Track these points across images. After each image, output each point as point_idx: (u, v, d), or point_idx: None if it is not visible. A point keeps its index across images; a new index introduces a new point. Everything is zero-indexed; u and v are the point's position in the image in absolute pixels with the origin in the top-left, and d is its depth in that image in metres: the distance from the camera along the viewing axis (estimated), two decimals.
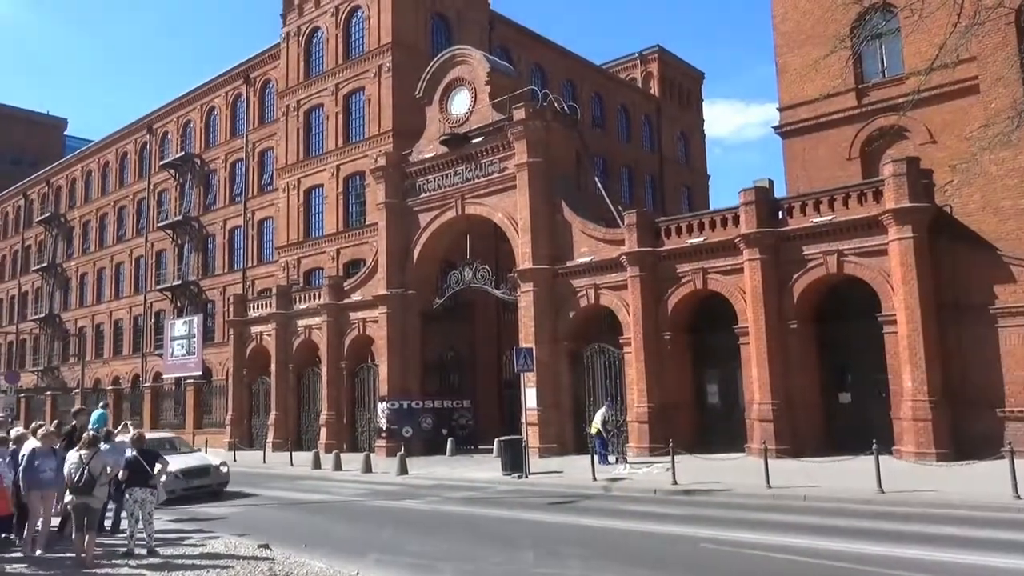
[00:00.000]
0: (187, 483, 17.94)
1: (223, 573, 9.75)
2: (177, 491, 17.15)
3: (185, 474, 17.95)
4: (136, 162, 54.75)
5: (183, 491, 17.59)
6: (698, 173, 54.43)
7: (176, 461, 17.34)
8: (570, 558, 10.43)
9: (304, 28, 39.42)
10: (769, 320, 20.98)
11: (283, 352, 34.39)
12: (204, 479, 18.48)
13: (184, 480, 17.83)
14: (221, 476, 19.01)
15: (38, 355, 62.54)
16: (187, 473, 18.07)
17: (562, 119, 28.11)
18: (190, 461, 19.03)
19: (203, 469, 18.77)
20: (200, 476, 18.44)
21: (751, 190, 21.65)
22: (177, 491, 17.15)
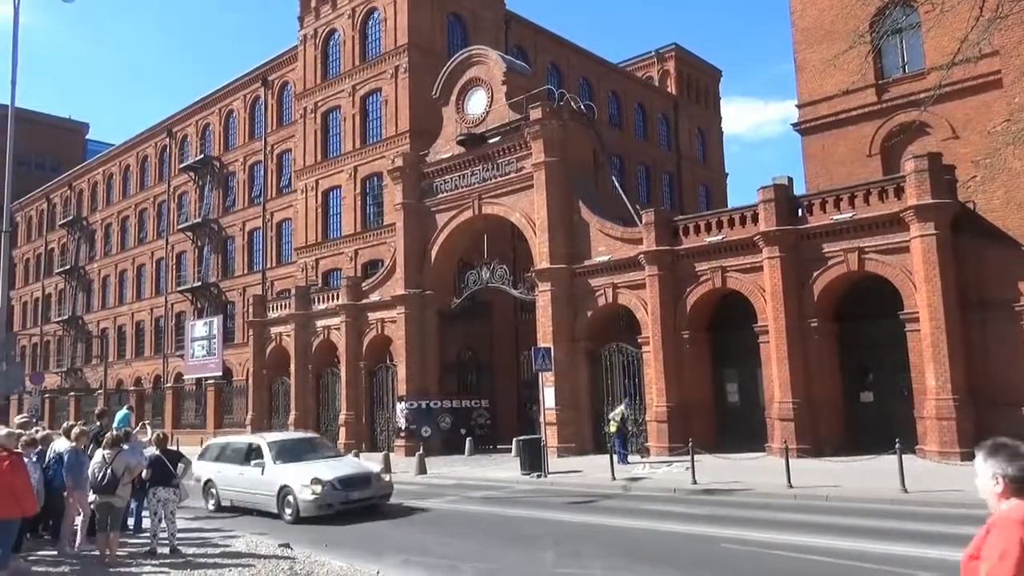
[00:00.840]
0: (346, 495, 14.57)
1: (245, 572, 9.81)
2: (335, 505, 14.35)
3: (344, 484, 14.59)
4: (156, 165, 55.31)
5: (342, 505, 14.45)
6: (716, 171, 54.13)
7: (325, 468, 14.99)
8: (591, 558, 10.40)
9: (321, 30, 39.62)
10: (789, 318, 20.83)
11: (302, 352, 34.59)
12: (365, 490, 15.01)
13: (342, 491, 14.52)
14: (383, 486, 15.54)
15: (62, 356, 63.34)
16: (346, 483, 14.67)
17: (579, 118, 28.06)
18: (345, 468, 15.46)
19: (363, 478, 15.19)
20: (361, 487, 14.95)
21: (770, 188, 21.49)
22: (335, 505, 14.35)
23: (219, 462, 16.66)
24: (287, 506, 14.54)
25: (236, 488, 15.88)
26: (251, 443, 16.49)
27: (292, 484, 14.43)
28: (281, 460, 15.32)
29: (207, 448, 17.97)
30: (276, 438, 17.11)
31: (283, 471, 14.92)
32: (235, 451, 16.68)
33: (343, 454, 19.13)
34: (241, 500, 15.83)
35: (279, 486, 14.67)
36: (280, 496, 14.67)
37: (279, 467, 15.09)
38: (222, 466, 16.43)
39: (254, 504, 15.41)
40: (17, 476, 9.05)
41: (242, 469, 15.71)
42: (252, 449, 16.05)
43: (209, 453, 17.48)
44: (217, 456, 17.00)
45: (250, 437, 18.07)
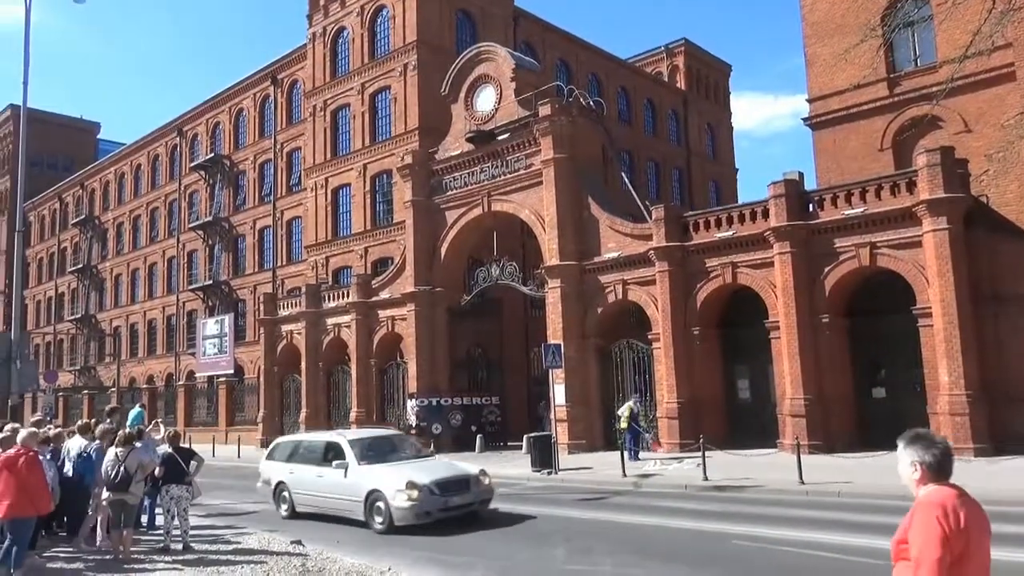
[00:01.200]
0: (445, 501, 12.76)
1: (257, 568, 9.86)
2: (434, 513, 12.56)
3: (442, 488, 12.81)
4: (167, 164, 55.58)
5: (441, 512, 12.65)
6: (726, 167, 53.92)
7: (419, 470, 13.28)
8: (601, 555, 10.39)
9: (330, 28, 39.68)
10: (800, 314, 20.73)
11: (313, 350, 34.71)
12: (465, 495, 13.22)
13: (440, 496, 12.70)
14: (484, 490, 13.67)
15: (75, 355, 63.82)
16: (444, 487, 12.89)
17: (588, 114, 28.00)
18: (440, 470, 13.77)
19: (462, 481, 13.36)
20: (460, 491, 13.17)
21: (781, 183, 21.38)
22: (434, 513, 12.56)
23: (292, 462, 15.00)
24: (377, 514, 12.71)
25: (314, 492, 14.16)
26: (329, 441, 14.72)
27: (383, 489, 12.64)
28: (366, 461, 13.61)
29: (276, 447, 16.34)
30: (357, 436, 15.22)
31: (370, 473, 13.20)
32: (310, 450, 14.96)
33: (429, 453, 16.71)
34: (320, 506, 14.08)
35: (367, 491, 12.87)
36: (368, 502, 12.85)
37: (365, 469, 13.33)
38: (295, 467, 14.76)
39: (336, 511, 13.66)
40: (33, 474, 9.15)
41: (320, 471, 13.96)
42: (330, 448, 14.27)
43: (279, 452, 15.81)
44: (289, 456, 15.30)
45: (326, 435, 16.37)
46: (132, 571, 10.04)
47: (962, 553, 3.31)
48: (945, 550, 3.27)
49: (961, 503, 3.44)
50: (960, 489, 3.53)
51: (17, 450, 9.26)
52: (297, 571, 9.63)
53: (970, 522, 3.37)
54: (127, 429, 12.17)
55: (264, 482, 15.36)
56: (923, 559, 3.29)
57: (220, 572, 9.77)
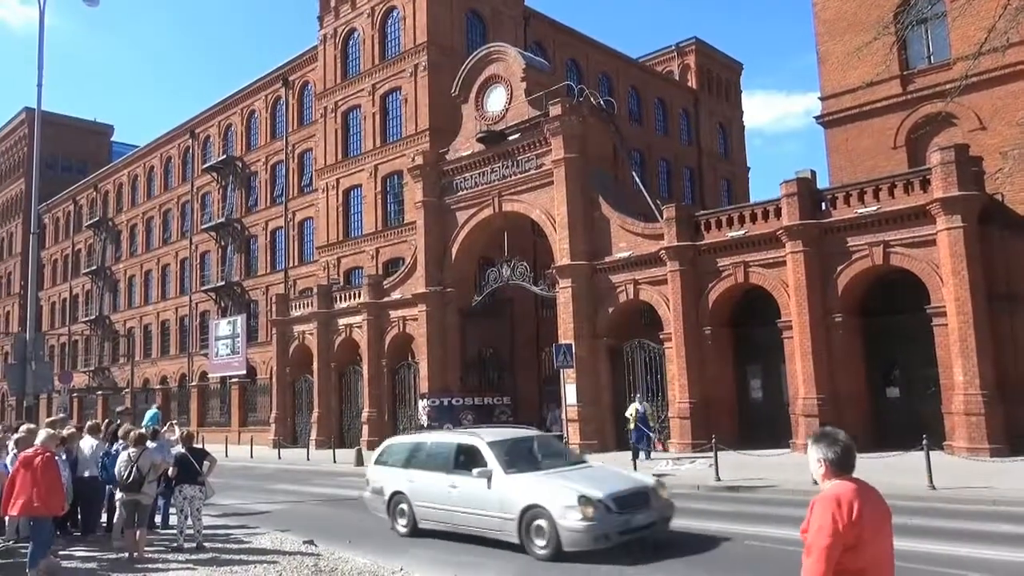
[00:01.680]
0: (626, 521, 10.13)
1: (270, 568, 9.89)
2: (612, 536, 9.95)
3: (621, 504, 10.20)
4: (180, 166, 55.90)
5: (620, 536, 10.02)
6: (738, 165, 53.73)
7: (586, 481, 10.67)
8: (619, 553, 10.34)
9: (340, 30, 39.80)
10: (813, 313, 20.62)
11: (325, 351, 34.82)
12: (646, 512, 10.44)
13: (620, 515, 10.10)
14: (664, 506, 10.84)
15: (89, 356, 64.31)
16: (623, 503, 10.27)
17: (598, 114, 27.97)
18: (613, 481, 11.04)
19: (641, 495, 10.69)
20: (642, 508, 10.47)
21: (793, 181, 21.28)
22: (612, 536, 9.95)
23: (410, 468, 12.53)
24: (537, 535, 10.19)
25: (444, 506, 11.60)
26: (462, 444, 12.07)
27: (547, 505, 10.12)
28: (515, 468, 11.11)
29: (387, 449, 13.78)
30: (497, 436, 12.23)
31: (525, 485, 10.73)
32: (435, 454, 12.48)
33: (580, 458, 13.18)
34: (454, 523, 11.53)
35: (522, 507, 10.38)
36: (524, 521, 10.34)
37: (515, 479, 10.86)
38: (416, 474, 12.27)
39: (476, 529, 11.17)
40: (48, 475, 9.25)
41: (453, 480, 11.51)
42: (464, 452, 11.81)
43: (392, 456, 13.35)
44: (407, 460, 12.83)
45: (455, 435, 13.37)
46: (146, 570, 10.10)
47: (856, 542, 3.59)
48: (835, 539, 3.56)
49: (858, 496, 3.69)
50: (860, 483, 3.80)
51: (35, 450, 9.39)
52: (309, 571, 9.65)
53: (865, 514, 3.64)
54: (139, 429, 12.25)
55: (374, 491, 13.05)
56: (814, 546, 3.60)
57: (233, 571, 9.81)
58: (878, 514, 3.77)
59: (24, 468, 9.22)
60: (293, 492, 19.51)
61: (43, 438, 9.73)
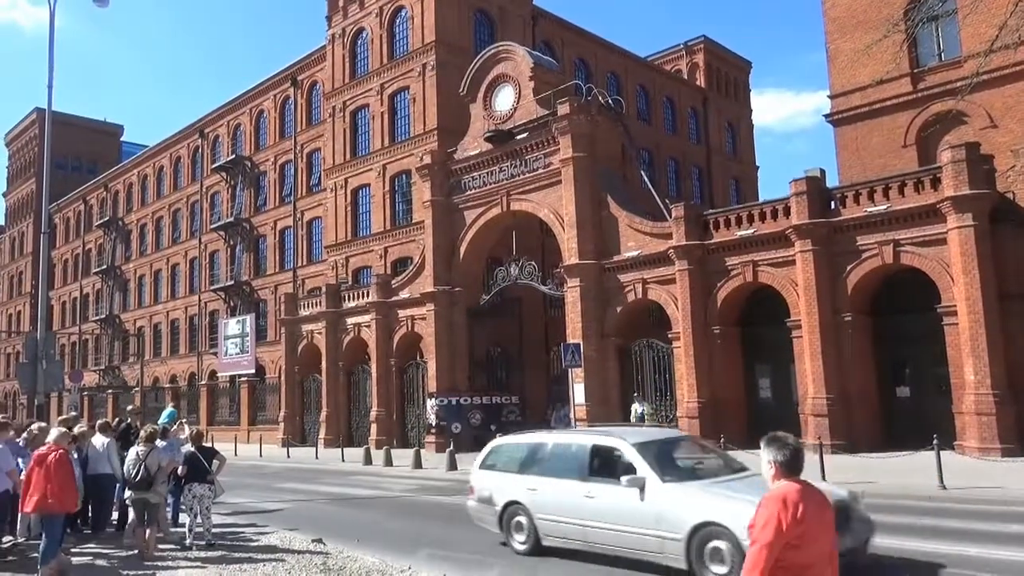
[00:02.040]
0: None
1: (279, 566, 9.91)
2: None
3: None
4: (189, 166, 56.11)
5: None
6: (747, 164, 53.56)
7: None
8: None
9: (349, 30, 39.86)
10: (822, 313, 20.54)
11: (333, 350, 34.90)
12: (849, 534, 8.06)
13: None
14: (866, 525, 8.75)
15: (99, 355, 64.63)
16: None
17: (607, 113, 27.93)
18: None
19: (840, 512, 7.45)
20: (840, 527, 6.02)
21: (802, 180, 21.20)
22: None
23: (530, 474, 10.61)
24: (714, 560, 8.27)
25: (577, 520, 9.74)
26: (597, 445, 10.10)
27: (728, 523, 8.09)
28: (672, 476, 9.21)
29: (496, 451, 11.74)
30: (642, 437, 10.25)
31: (692, 497, 8.74)
32: (561, 458, 10.49)
33: (742, 466, 10.01)
34: (589, 540, 9.63)
35: (692, 524, 8.42)
36: (695, 542, 8.41)
37: (676, 489, 8.90)
38: (538, 481, 10.42)
39: (624, 548, 9.26)
40: (61, 472, 9.35)
41: (589, 488, 9.67)
42: (600, 454, 9.97)
43: (503, 459, 11.42)
44: (524, 465, 10.92)
45: (585, 435, 11.08)
46: (156, 568, 10.14)
47: (800, 541, 3.84)
48: (778, 536, 3.82)
49: (803, 497, 3.94)
50: (807, 485, 4.04)
51: (48, 448, 9.50)
52: (318, 569, 9.68)
53: (809, 514, 3.89)
54: (148, 428, 12.30)
55: (481, 500, 11.22)
56: (757, 539, 3.88)
57: (242, 570, 9.84)
58: (822, 515, 4.00)
59: (38, 466, 9.33)
60: (302, 491, 19.57)
61: (55, 436, 9.82)
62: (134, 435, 12.51)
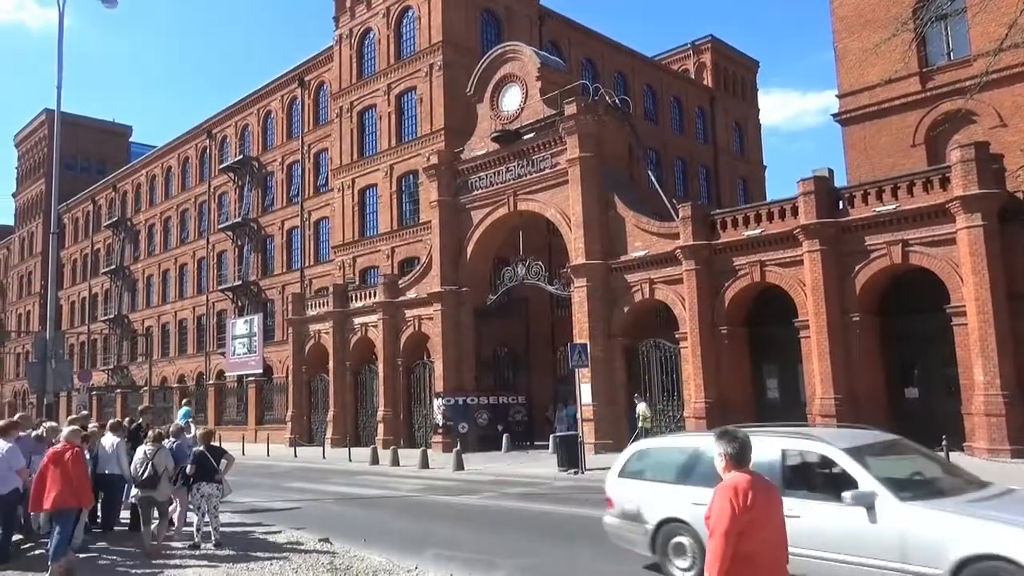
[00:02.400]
0: None
1: (286, 565, 9.94)
2: None
3: None
4: (197, 166, 56.32)
5: None
6: (754, 164, 53.44)
7: None
8: (630, 555, 10.31)
9: (356, 30, 39.93)
10: (830, 313, 20.45)
11: (340, 350, 34.95)
12: None
13: None
14: None
15: (108, 354, 64.93)
16: None
17: (614, 113, 27.89)
18: None
19: None
20: None
21: (810, 180, 21.12)
22: None
23: (696, 485, 8.18)
24: None
25: None
26: (794, 449, 8.06)
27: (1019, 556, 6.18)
28: (910, 493, 7.33)
29: (641, 455, 9.70)
30: (851, 440, 8.13)
31: (950, 522, 6.82)
32: None
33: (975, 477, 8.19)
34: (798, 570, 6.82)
35: (958, 558, 6.51)
36: None
37: (920, 511, 7.01)
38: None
39: None
40: (77, 469, 9.57)
41: (789, 506, 6.43)
42: (799, 461, 8.06)
43: (655, 465, 9.35)
44: (685, 473, 8.73)
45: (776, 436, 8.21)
46: (164, 567, 10.18)
47: (747, 528, 4.14)
48: (732, 523, 4.13)
49: (752, 486, 4.25)
50: (755, 475, 4.39)
51: (63, 445, 9.69)
52: (325, 569, 9.70)
53: (758, 501, 4.20)
54: (158, 428, 12.37)
55: (625, 516, 9.27)
56: (715, 529, 4.18)
57: (249, 568, 9.87)
58: (770, 502, 4.34)
59: (53, 463, 9.48)
60: (309, 490, 19.61)
61: (68, 433, 10.00)
62: (144, 434, 12.56)
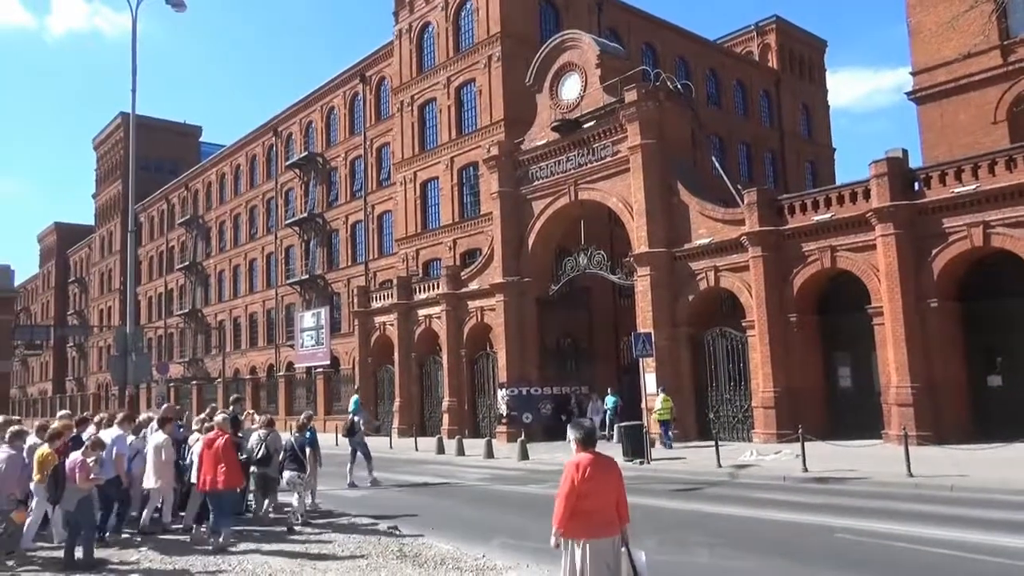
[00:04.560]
0: None
1: (359, 549, 10.24)
2: None
3: None
4: (264, 164, 57.75)
5: None
6: (822, 147, 51.83)
7: None
8: (696, 546, 10.18)
9: (415, 24, 40.23)
10: (906, 299, 19.71)
11: (405, 341, 35.42)
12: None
13: None
14: None
15: (184, 347, 67.36)
16: None
17: (675, 98, 27.41)
18: None
19: None
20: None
21: (883, 161, 20.36)
22: None
23: None
24: None
25: None
26: None
27: None
28: None
29: None
30: None
31: None
32: None
33: None
34: None
35: None
36: None
37: None
38: None
39: None
40: (228, 454, 10.86)
41: None
42: None
43: None
44: None
45: None
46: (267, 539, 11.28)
47: (587, 492, 5.81)
48: (571, 489, 5.82)
49: (590, 463, 5.89)
50: (597, 455, 6.00)
51: (215, 432, 11.02)
52: (394, 556, 9.87)
53: (594, 474, 5.84)
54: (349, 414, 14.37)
55: None
56: (559, 494, 5.90)
57: (323, 551, 10.13)
58: (604, 474, 5.91)
59: (208, 448, 10.79)
60: (378, 479, 19.93)
61: (219, 420, 11.37)
62: (240, 422, 13.87)
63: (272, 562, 9.80)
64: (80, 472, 9.71)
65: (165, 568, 9.85)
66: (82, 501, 9.76)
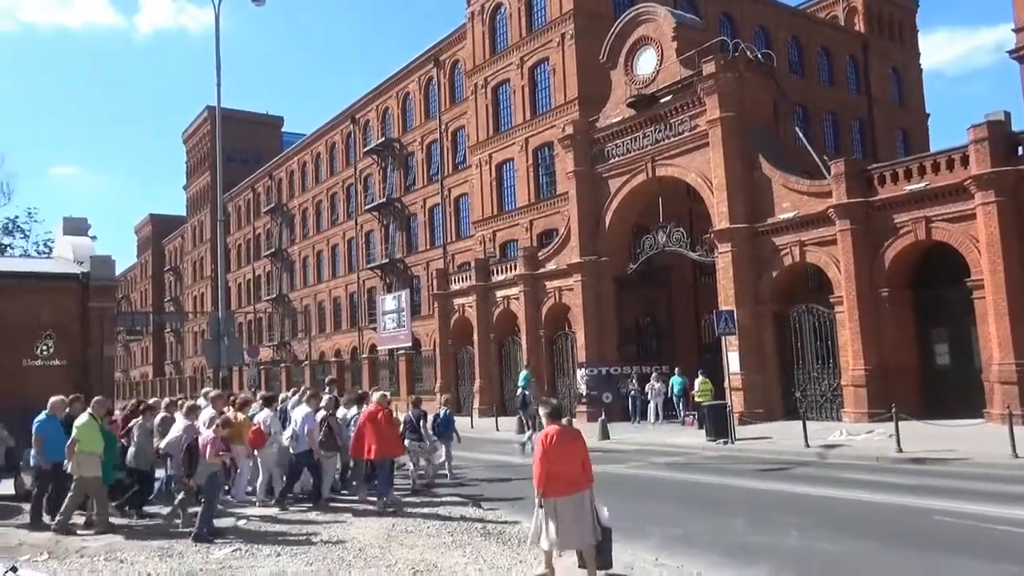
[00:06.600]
0: None
1: (441, 528, 10.45)
2: None
3: None
4: (343, 151, 59.06)
5: None
6: (915, 113, 49.26)
7: None
8: (786, 526, 9.95)
9: (487, 6, 40.16)
10: (1010, 271, 18.62)
11: (484, 322, 35.74)
12: None
13: None
14: None
15: (272, 331, 69.91)
16: None
17: (756, 68, 26.54)
18: None
19: None
20: None
21: (982, 125, 19.19)
22: None
23: None
24: None
25: None
26: None
27: None
28: None
29: None
30: None
31: None
32: None
33: None
34: None
35: None
36: None
37: None
38: None
39: None
40: (388, 426, 11.99)
41: None
42: None
43: None
44: None
45: None
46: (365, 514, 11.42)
47: (556, 457, 7.14)
48: (544, 454, 7.15)
49: (557, 433, 7.28)
50: (564, 427, 7.48)
51: (375, 407, 12.08)
52: (478, 533, 10.04)
53: (559, 441, 7.22)
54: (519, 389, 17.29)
55: None
56: (536, 458, 7.21)
57: (408, 530, 10.39)
58: (568, 442, 7.30)
59: (370, 422, 11.83)
60: (460, 458, 20.16)
61: (377, 397, 12.50)
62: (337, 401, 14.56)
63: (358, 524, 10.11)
64: (212, 447, 10.35)
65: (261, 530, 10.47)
66: (211, 476, 10.37)
